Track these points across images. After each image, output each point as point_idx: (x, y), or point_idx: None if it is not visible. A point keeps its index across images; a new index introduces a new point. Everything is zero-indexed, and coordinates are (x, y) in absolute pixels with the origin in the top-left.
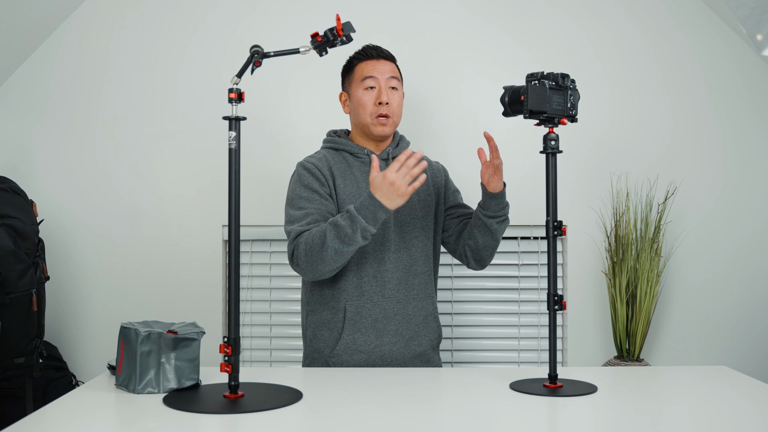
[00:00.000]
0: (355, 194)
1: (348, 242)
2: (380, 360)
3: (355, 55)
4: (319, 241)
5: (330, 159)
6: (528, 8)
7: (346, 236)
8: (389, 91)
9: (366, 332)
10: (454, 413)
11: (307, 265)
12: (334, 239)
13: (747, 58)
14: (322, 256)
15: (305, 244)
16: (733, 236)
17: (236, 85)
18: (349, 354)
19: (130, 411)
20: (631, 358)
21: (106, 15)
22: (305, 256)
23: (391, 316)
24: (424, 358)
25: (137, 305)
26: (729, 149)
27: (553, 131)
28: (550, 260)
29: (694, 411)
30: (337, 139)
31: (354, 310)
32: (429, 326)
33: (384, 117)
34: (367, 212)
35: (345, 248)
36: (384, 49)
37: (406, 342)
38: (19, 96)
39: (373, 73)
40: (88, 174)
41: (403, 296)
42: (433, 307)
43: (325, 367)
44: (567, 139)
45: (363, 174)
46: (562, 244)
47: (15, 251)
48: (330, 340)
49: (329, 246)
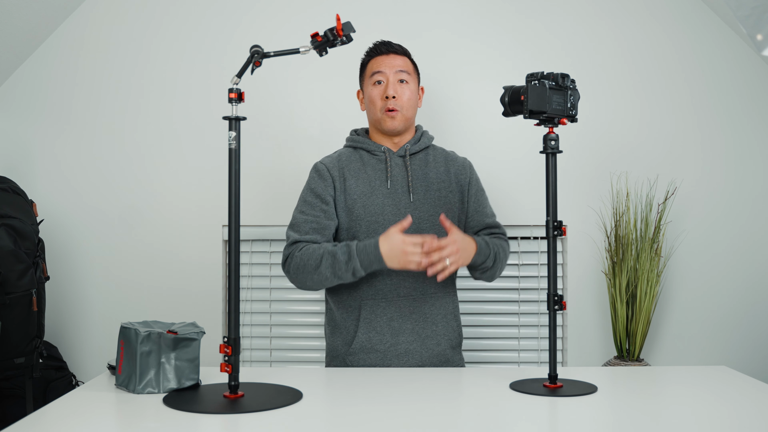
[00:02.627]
0: (367, 193)
1: (339, 276)
2: (396, 359)
3: (367, 52)
4: (313, 263)
5: (345, 159)
6: (528, 8)
7: (339, 270)
8: (397, 84)
9: (381, 331)
10: (454, 413)
11: (295, 278)
12: (328, 268)
13: (747, 58)
14: (312, 277)
15: (299, 259)
16: (733, 236)
17: (236, 85)
18: (365, 353)
19: (130, 411)
20: (631, 358)
21: (105, 15)
22: (295, 271)
23: (407, 315)
24: (442, 358)
25: (137, 305)
26: (729, 149)
27: (553, 131)
28: (550, 260)
29: (694, 411)
30: (356, 137)
31: (369, 308)
32: (448, 325)
33: (393, 110)
34: (365, 258)
35: (335, 279)
36: (394, 44)
37: (422, 341)
38: (19, 96)
39: (381, 68)
40: (88, 174)
41: (419, 294)
42: (453, 305)
43: (325, 368)
44: (567, 139)
45: (377, 172)
46: (562, 244)
47: (15, 251)
48: (346, 339)
49: (321, 272)
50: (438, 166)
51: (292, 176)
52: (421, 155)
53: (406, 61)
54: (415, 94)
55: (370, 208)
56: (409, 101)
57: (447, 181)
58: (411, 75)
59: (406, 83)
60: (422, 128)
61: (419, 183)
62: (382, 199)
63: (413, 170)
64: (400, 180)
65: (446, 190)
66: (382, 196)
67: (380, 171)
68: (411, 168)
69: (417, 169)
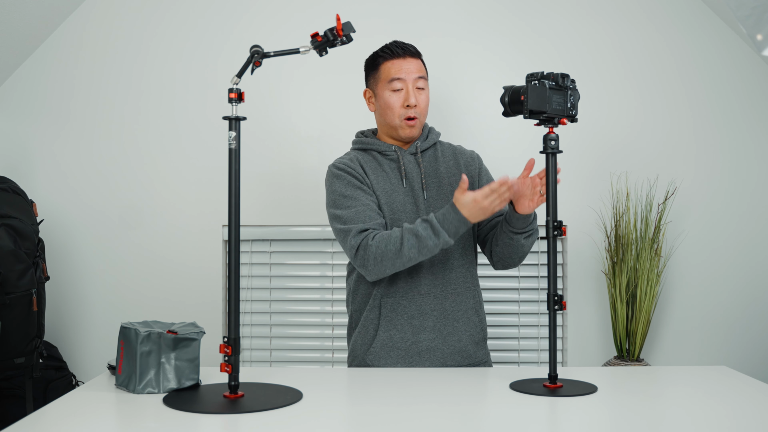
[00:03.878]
0: (389, 190)
1: (426, 253)
2: (418, 357)
3: (381, 53)
4: (393, 247)
5: (360, 158)
6: (526, 10)
7: (426, 248)
8: (416, 92)
9: (402, 329)
10: (454, 413)
11: (375, 267)
12: (412, 248)
13: (746, 57)
14: (394, 262)
15: (377, 247)
16: (732, 236)
17: (236, 85)
18: (387, 351)
19: (130, 411)
20: (631, 358)
21: (104, 15)
22: (375, 259)
23: (427, 312)
24: (464, 354)
25: (137, 305)
26: (729, 149)
27: (553, 131)
28: (550, 260)
29: (694, 411)
30: (364, 139)
31: (389, 307)
32: (469, 321)
33: (413, 119)
34: (451, 226)
35: (420, 258)
36: (410, 47)
37: (444, 338)
38: (19, 96)
39: (400, 74)
40: (87, 174)
41: (440, 291)
42: (474, 300)
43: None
44: (567, 139)
45: (393, 170)
46: (562, 244)
47: (15, 251)
48: (367, 337)
49: (405, 254)
50: (447, 161)
51: (293, 176)
52: (430, 152)
53: (420, 65)
54: (428, 98)
55: (393, 205)
56: (426, 107)
57: (457, 175)
58: (426, 80)
59: (423, 89)
60: (428, 125)
61: (432, 180)
62: (402, 197)
63: (425, 167)
64: (414, 178)
65: (457, 184)
66: (402, 194)
67: (395, 169)
68: (423, 165)
69: (428, 166)
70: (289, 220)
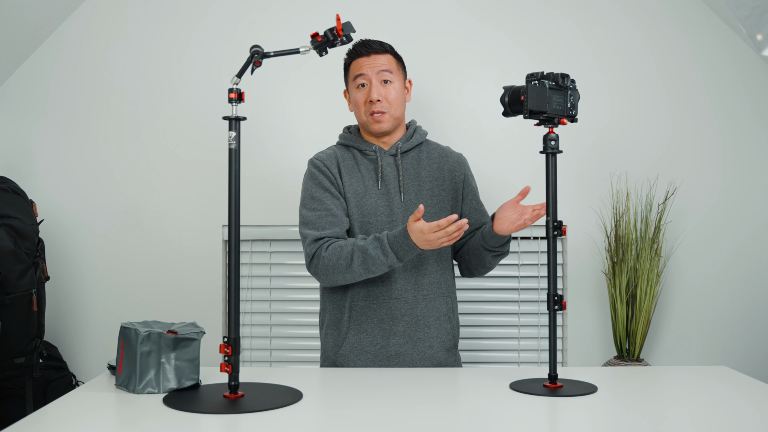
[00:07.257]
0: (361, 192)
1: (374, 271)
2: (387, 361)
3: (348, 53)
4: (344, 262)
5: (339, 155)
6: (527, 9)
7: (375, 266)
8: (380, 86)
9: (371, 333)
10: (454, 413)
11: (326, 277)
12: (361, 266)
13: (746, 57)
14: (344, 275)
15: (327, 259)
16: (733, 236)
17: (236, 85)
18: (356, 354)
19: (130, 411)
20: (631, 358)
21: (105, 15)
22: (324, 270)
23: (398, 317)
24: (435, 361)
25: (137, 305)
26: (729, 149)
27: (553, 131)
28: (550, 260)
29: (694, 411)
30: (348, 135)
31: (359, 310)
32: (441, 327)
33: (379, 113)
34: (400, 249)
35: (368, 275)
36: (374, 43)
37: (414, 343)
38: (19, 96)
39: (363, 71)
40: (88, 174)
41: (411, 296)
42: (447, 306)
43: (325, 367)
44: (567, 139)
45: (369, 171)
46: (562, 244)
47: (15, 251)
48: (338, 339)
49: (354, 270)
50: (431, 163)
51: (292, 176)
52: (413, 153)
53: (388, 58)
54: (402, 91)
55: (364, 208)
56: (396, 100)
57: (440, 179)
58: (394, 72)
59: (390, 82)
60: (416, 123)
61: (411, 182)
62: (375, 199)
63: (404, 169)
64: (391, 180)
65: (439, 189)
66: (375, 196)
67: (372, 171)
68: (402, 167)
69: (408, 168)
70: (289, 220)
